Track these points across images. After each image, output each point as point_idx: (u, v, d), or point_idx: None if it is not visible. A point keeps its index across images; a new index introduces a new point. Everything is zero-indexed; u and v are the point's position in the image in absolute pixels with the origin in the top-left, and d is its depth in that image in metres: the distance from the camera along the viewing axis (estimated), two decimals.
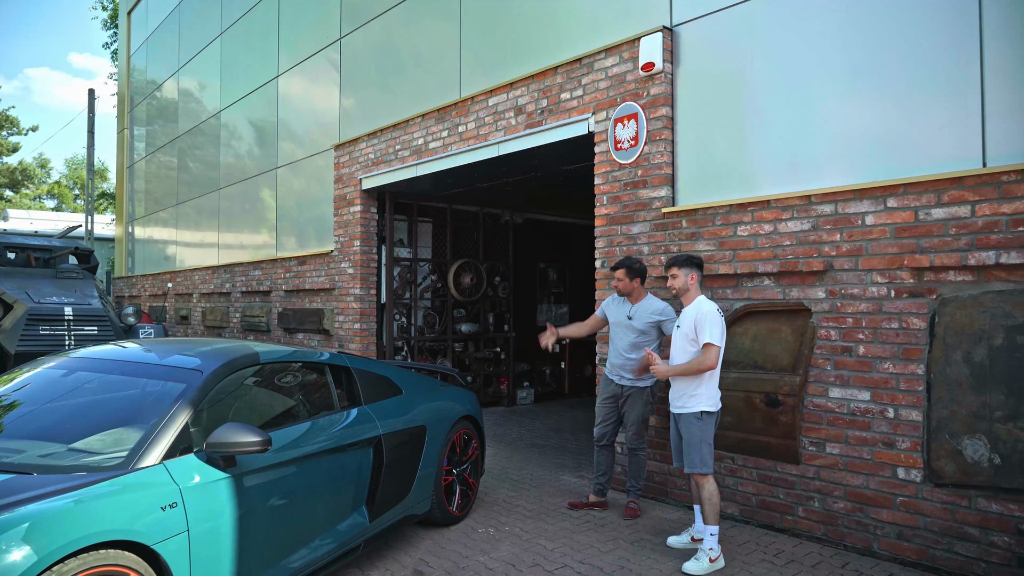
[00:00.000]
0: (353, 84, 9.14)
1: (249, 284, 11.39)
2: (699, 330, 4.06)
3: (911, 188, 4.03)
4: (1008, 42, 3.76)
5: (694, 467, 4.11)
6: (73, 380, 3.41)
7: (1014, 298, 3.65)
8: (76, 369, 3.47)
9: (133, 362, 3.46)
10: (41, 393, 3.37)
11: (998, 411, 3.68)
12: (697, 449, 4.11)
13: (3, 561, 2.10)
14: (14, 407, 3.26)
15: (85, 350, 3.75)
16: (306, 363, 3.92)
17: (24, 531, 2.20)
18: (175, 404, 2.99)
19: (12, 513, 2.26)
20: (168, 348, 3.67)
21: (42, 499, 2.36)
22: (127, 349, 3.73)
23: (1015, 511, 3.65)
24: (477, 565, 4.01)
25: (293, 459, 3.28)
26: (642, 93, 5.48)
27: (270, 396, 3.64)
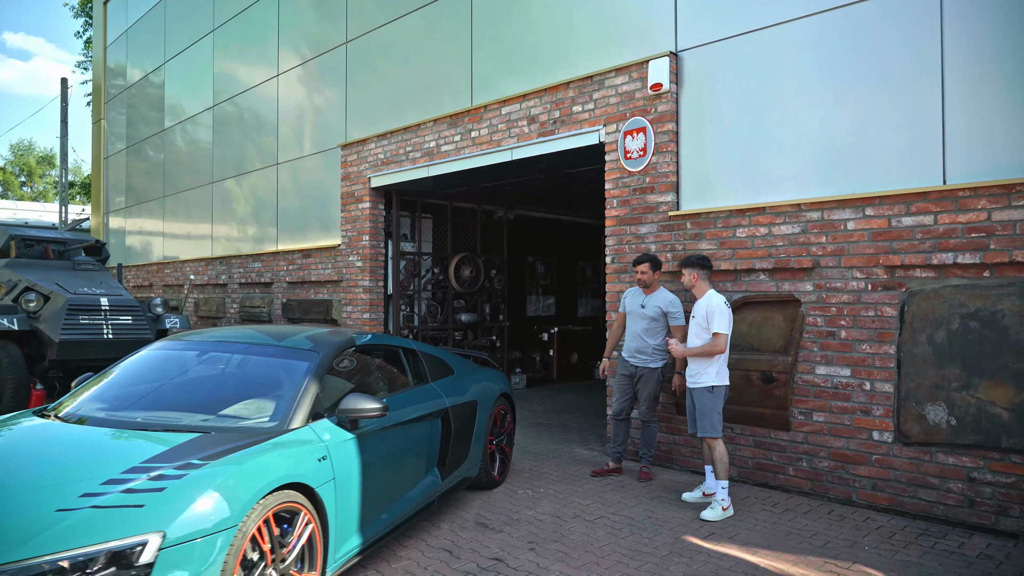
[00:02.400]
0: (359, 88, 9.65)
1: (248, 276, 11.80)
2: (710, 320, 4.83)
3: (885, 200, 4.88)
4: (965, 83, 4.61)
5: (706, 432, 4.89)
6: (194, 359, 3.98)
7: (967, 291, 4.52)
8: (195, 350, 4.03)
9: (251, 344, 4.03)
10: (168, 371, 3.93)
11: (954, 382, 4.55)
12: (708, 417, 4.89)
13: (234, 494, 2.71)
14: (151, 383, 3.82)
15: (195, 333, 4.31)
16: (385, 345, 4.56)
17: (242, 472, 2.81)
18: (306, 378, 3.61)
19: (229, 462, 2.86)
20: (272, 333, 4.25)
21: (238, 451, 2.97)
22: (238, 332, 4.30)
23: (967, 463, 4.53)
24: (527, 517, 4.72)
25: (393, 425, 3.93)
26: (650, 109, 6.22)
27: (362, 373, 4.26)
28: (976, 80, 4.57)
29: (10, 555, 2.32)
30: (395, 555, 4.00)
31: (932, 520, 4.63)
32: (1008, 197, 4.37)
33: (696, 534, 4.43)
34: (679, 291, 5.84)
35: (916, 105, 4.80)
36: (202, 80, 13.55)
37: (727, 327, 4.81)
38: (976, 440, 4.48)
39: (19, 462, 3.00)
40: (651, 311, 5.66)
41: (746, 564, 3.94)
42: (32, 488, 2.69)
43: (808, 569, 3.86)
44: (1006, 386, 4.35)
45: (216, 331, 4.36)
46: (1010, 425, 4.34)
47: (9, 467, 2.93)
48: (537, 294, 12.10)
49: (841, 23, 5.16)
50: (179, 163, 14.46)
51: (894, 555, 4.08)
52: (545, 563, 3.93)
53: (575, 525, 4.57)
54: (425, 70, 8.64)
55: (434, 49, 8.53)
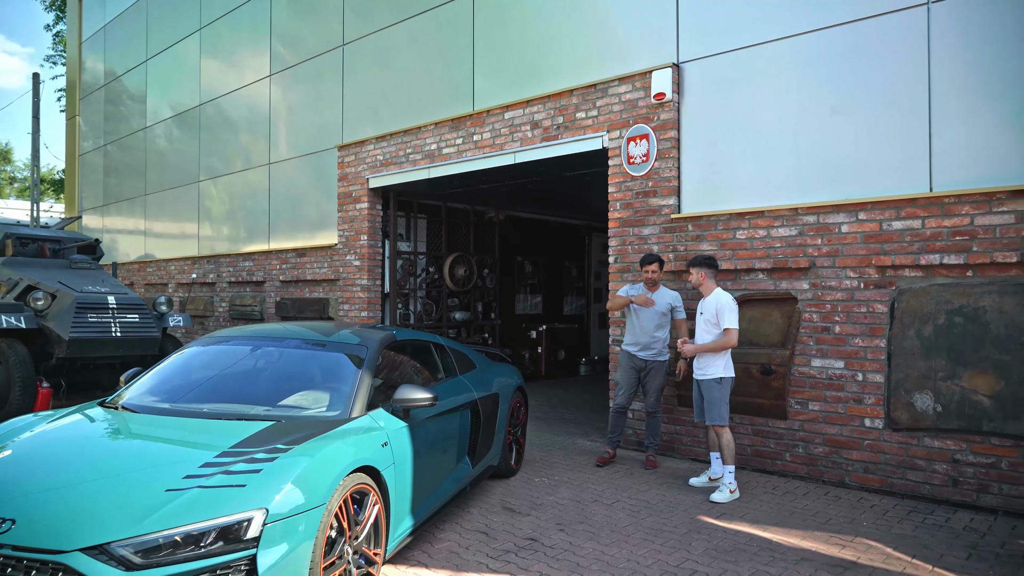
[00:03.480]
0: (357, 90, 9.82)
1: (238, 275, 11.86)
2: (720, 317, 5.18)
3: (877, 205, 5.29)
4: (950, 100, 5.04)
5: (714, 420, 5.25)
6: (246, 354, 4.18)
7: (952, 289, 4.96)
8: (246, 345, 4.23)
9: (299, 339, 4.25)
10: (220, 366, 4.12)
11: (940, 373, 4.98)
12: (716, 407, 5.24)
13: (321, 476, 2.94)
14: (206, 377, 4.01)
15: (238, 330, 4.51)
16: (418, 340, 4.81)
17: (326, 456, 3.05)
18: (360, 370, 3.85)
19: (312, 447, 3.09)
20: (315, 328, 4.47)
21: (315, 437, 3.20)
22: (280, 328, 4.51)
23: (951, 445, 4.96)
24: (550, 502, 5.01)
25: (436, 415, 4.18)
26: (653, 117, 6.56)
27: (402, 366, 4.50)
28: (960, 97, 5.00)
29: (133, 530, 2.53)
30: (435, 538, 4.26)
31: (920, 499, 5.06)
32: (989, 203, 4.81)
33: (709, 514, 4.78)
34: (681, 288, 6.20)
35: (905, 119, 5.22)
36: (188, 79, 13.52)
37: (736, 322, 5.16)
38: (960, 425, 4.91)
39: (112, 448, 3.20)
40: (662, 307, 5.99)
41: (760, 539, 4.29)
42: (135, 471, 2.89)
43: (816, 542, 4.23)
44: (987, 375, 4.80)
45: (256, 328, 4.56)
46: (991, 411, 4.78)
47: (105, 452, 3.12)
48: (525, 293, 12.41)
49: (836, 41, 5.56)
50: (162, 161, 14.39)
51: (890, 529, 4.48)
52: (576, 542, 4.23)
53: (596, 509, 4.88)
54: (425, 75, 8.86)
55: (434, 55, 8.76)
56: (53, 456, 3.12)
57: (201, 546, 2.57)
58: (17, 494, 2.72)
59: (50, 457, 3.11)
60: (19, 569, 2.45)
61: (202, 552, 2.56)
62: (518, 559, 3.96)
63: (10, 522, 2.55)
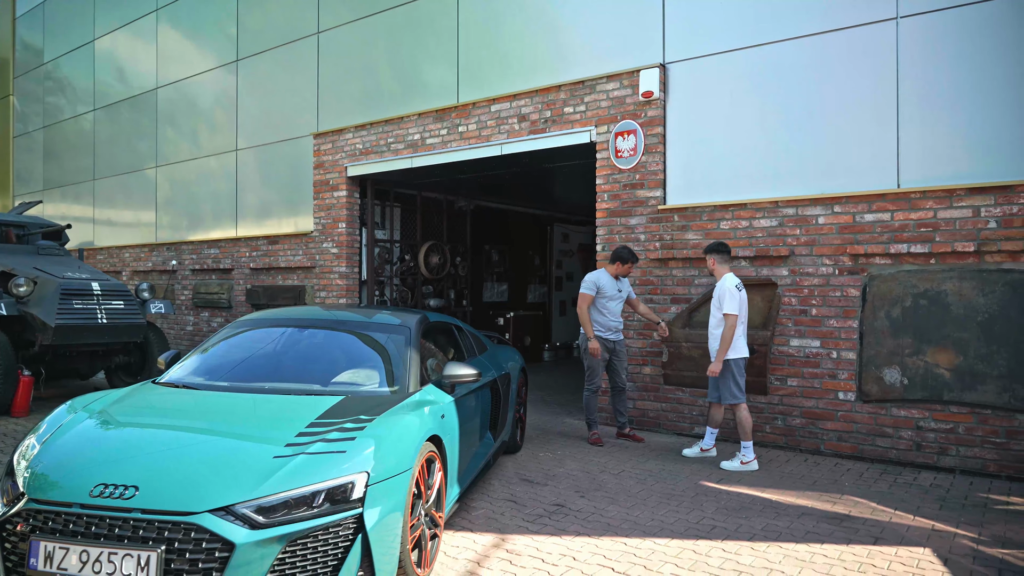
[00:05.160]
0: (333, 79, 9.86)
1: (203, 262, 11.71)
2: (721, 301, 5.59)
3: (850, 199, 5.85)
4: (914, 105, 5.62)
5: (726, 400, 5.65)
6: (290, 336, 4.35)
7: (918, 275, 5.56)
8: (292, 327, 4.40)
9: (341, 321, 4.44)
10: (266, 347, 4.28)
11: (907, 350, 5.59)
12: (727, 386, 5.64)
13: (406, 443, 3.20)
14: (256, 357, 4.17)
15: (277, 312, 4.66)
16: (443, 322, 5.06)
17: (406, 426, 3.30)
18: (407, 348, 4.10)
19: (391, 417, 3.33)
20: (352, 310, 4.66)
21: (389, 409, 3.44)
22: (316, 312, 4.68)
23: (915, 414, 5.58)
24: (561, 473, 5.37)
25: (471, 391, 4.47)
26: (640, 114, 6.97)
27: (433, 346, 4.75)
28: (924, 104, 5.59)
29: (254, 493, 2.73)
30: (469, 507, 4.54)
31: (887, 463, 5.67)
32: (950, 199, 5.43)
33: (709, 479, 5.24)
34: (668, 275, 6.65)
35: (876, 121, 5.79)
36: (143, 60, 13.14)
37: (736, 307, 5.53)
38: (923, 396, 5.53)
39: (204, 421, 3.35)
40: (626, 292, 6.46)
41: (761, 499, 4.77)
42: (236, 441, 3.08)
43: (810, 500, 4.74)
44: (948, 351, 5.42)
45: (294, 310, 4.72)
46: (951, 382, 5.41)
47: (198, 424, 3.28)
48: (492, 281, 12.71)
49: (815, 49, 6.08)
50: (115, 145, 13.94)
51: (869, 488, 5.04)
52: (600, 506, 4.60)
53: (606, 478, 5.27)
54: (407, 66, 9.01)
55: (417, 46, 8.92)
56: (148, 428, 3.26)
57: (313, 506, 2.79)
58: (132, 463, 2.87)
59: (146, 429, 3.25)
60: (151, 530, 2.61)
61: (314, 512, 2.78)
62: (552, 522, 4.30)
63: (133, 488, 2.71)
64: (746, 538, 4.05)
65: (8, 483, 3.00)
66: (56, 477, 2.84)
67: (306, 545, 2.74)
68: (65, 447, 3.06)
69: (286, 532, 2.70)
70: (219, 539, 2.60)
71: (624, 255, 6.39)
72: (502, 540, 3.98)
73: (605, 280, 6.41)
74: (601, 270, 6.51)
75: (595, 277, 6.41)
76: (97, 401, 3.59)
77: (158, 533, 2.61)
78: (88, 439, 3.13)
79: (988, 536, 4.09)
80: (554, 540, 3.99)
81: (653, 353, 6.94)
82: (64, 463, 2.93)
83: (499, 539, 4.00)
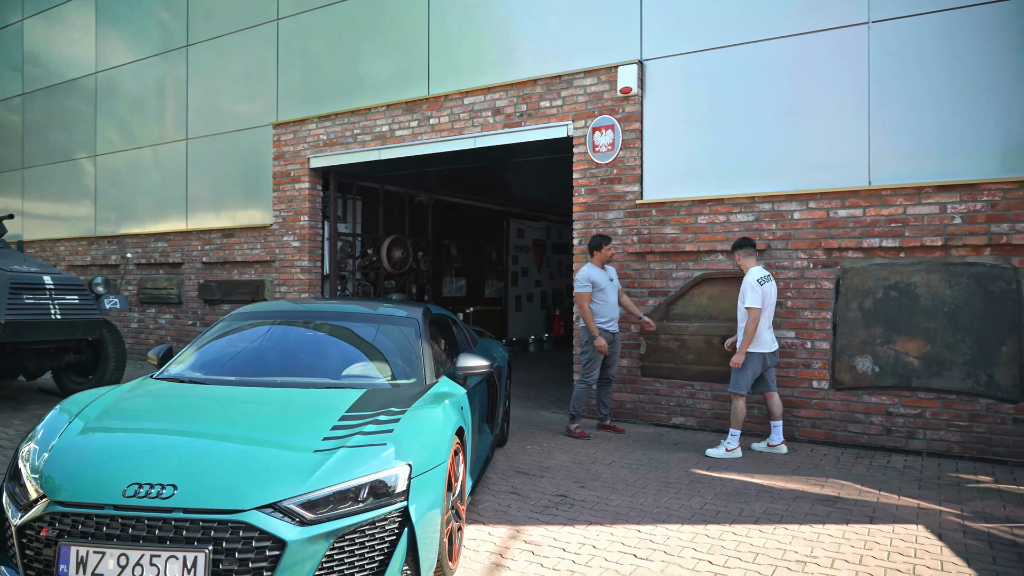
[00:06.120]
0: (295, 68, 9.58)
1: (150, 256, 11.19)
2: (743, 295, 5.66)
3: (824, 195, 6.09)
4: (884, 106, 5.90)
5: (730, 388, 5.73)
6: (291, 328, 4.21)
7: (889, 268, 5.84)
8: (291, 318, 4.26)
9: (347, 313, 4.33)
10: (270, 339, 4.14)
11: (878, 339, 5.87)
12: (734, 376, 5.71)
13: (441, 435, 3.15)
14: (261, 350, 4.02)
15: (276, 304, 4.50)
16: (442, 315, 5.00)
17: (438, 418, 3.25)
18: (419, 341, 4.04)
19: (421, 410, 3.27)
20: (356, 303, 4.55)
21: (417, 401, 3.38)
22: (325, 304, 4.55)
23: (885, 400, 5.87)
24: (555, 466, 5.40)
25: (477, 384, 4.43)
26: (618, 109, 7.06)
27: (437, 338, 4.68)
28: (894, 105, 5.87)
29: (301, 488, 2.63)
30: (475, 500, 4.51)
31: (859, 447, 5.94)
32: (919, 196, 5.72)
33: (699, 467, 5.37)
34: (646, 268, 6.77)
35: (848, 121, 6.05)
36: (80, 42, 12.43)
37: (758, 301, 5.55)
38: (893, 383, 5.82)
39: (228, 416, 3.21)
40: (615, 279, 6.55)
41: (753, 484, 4.92)
42: (271, 435, 2.96)
43: (798, 484, 4.92)
44: (917, 340, 5.73)
45: (295, 304, 4.57)
46: (919, 370, 5.72)
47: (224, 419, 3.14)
48: (451, 276, 12.63)
49: (789, 50, 6.30)
50: (47, 132, 13.13)
51: (850, 471, 5.27)
52: (602, 495, 4.65)
53: (600, 469, 5.33)
54: (374, 56, 8.85)
55: (385, 36, 8.76)
56: (171, 425, 3.10)
57: (359, 500, 2.72)
58: (165, 461, 2.72)
59: (169, 426, 3.09)
60: (195, 530, 2.49)
61: (360, 507, 2.71)
62: (560, 511, 4.32)
63: (171, 487, 2.57)
64: (751, 521, 4.17)
65: (15, 487, 2.80)
66: (82, 478, 2.66)
67: (353, 541, 2.67)
68: (85, 448, 2.87)
69: (334, 528, 2.62)
70: (269, 537, 2.51)
71: (599, 242, 6.46)
72: (517, 532, 3.98)
73: (596, 274, 6.45)
74: (587, 264, 6.55)
75: (587, 274, 6.42)
76: (98, 400, 3.38)
77: (203, 533, 2.49)
78: (109, 438, 2.95)
79: (970, 512, 4.34)
80: (569, 530, 4.01)
81: (631, 345, 7.04)
82: (89, 464, 2.75)
83: (514, 531, 3.99)
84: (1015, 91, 5.45)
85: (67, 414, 3.24)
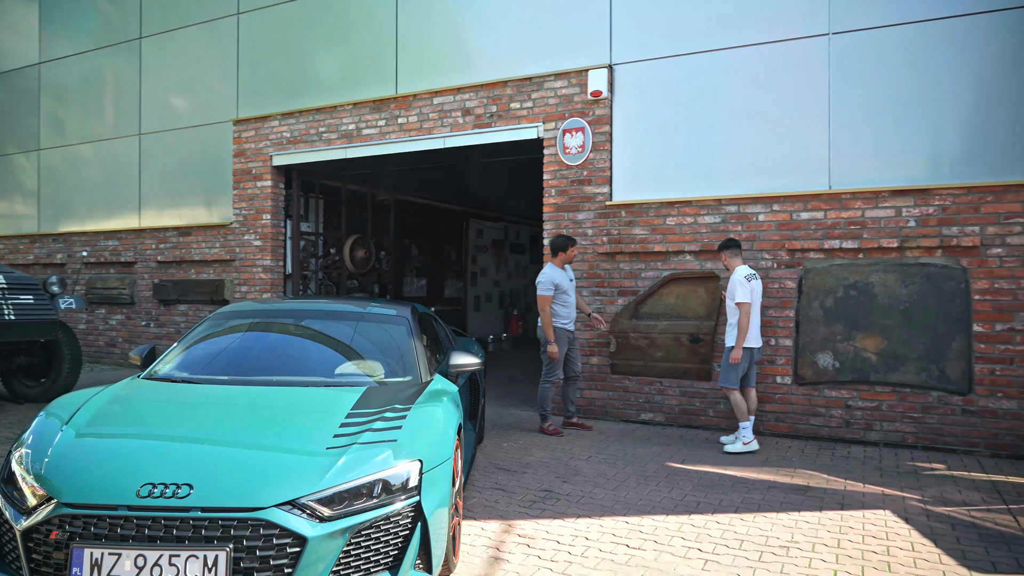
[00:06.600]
0: (256, 62, 9.41)
1: (99, 254, 10.81)
2: (732, 293, 5.81)
3: (788, 199, 6.36)
4: (844, 114, 6.20)
5: (721, 383, 5.89)
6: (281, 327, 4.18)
7: (848, 268, 6.14)
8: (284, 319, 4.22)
9: (336, 311, 4.31)
10: (259, 338, 4.09)
11: (838, 336, 6.16)
12: (725, 371, 5.87)
13: (445, 431, 3.19)
14: (251, 350, 3.98)
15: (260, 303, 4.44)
16: (426, 313, 5.02)
17: (442, 414, 3.28)
18: (411, 338, 4.06)
19: (425, 407, 3.30)
20: (342, 302, 4.53)
21: (419, 398, 3.41)
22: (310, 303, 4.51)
23: (845, 395, 6.17)
24: (533, 462, 5.49)
25: (465, 381, 4.48)
26: (588, 112, 7.20)
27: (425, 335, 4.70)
28: (853, 113, 6.18)
29: (318, 485, 2.64)
30: (463, 496, 4.55)
31: (821, 439, 6.22)
32: (876, 200, 6.04)
33: (673, 460, 5.54)
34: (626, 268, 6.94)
35: (810, 127, 6.32)
36: (22, 31, 11.89)
37: (747, 296, 5.72)
38: (852, 377, 6.12)
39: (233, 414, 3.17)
40: (575, 281, 6.69)
41: (727, 476, 5.12)
42: (280, 433, 2.95)
43: (770, 475, 5.14)
44: (874, 337, 6.04)
45: (280, 302, 4.53)
46: (876, 365, 6.03)
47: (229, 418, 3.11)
48: (412, 276, 12.59)
49: (754, 58, 6.54)
50: None
51: (815, 462, 5.52)
52: (585, 489, 4.77)
53: (579, 464, 5.44)
54: (341, 53, 8.77)
55: (352, 33, 8.70)
56: (175, 424, 3.05)
57: (373, 496, 2.74)
58: (176, 461, 2.68)
59: (174, 425, 3.04)
60: (214, 528, 2.47)
61: (375, 502, 2.73)
62: (548, 505, 4.41)
63: (187, 487, 2.55)
64: (732, 511, 4.34)
65: (12, 492, 2.72)
66: (92, 480, 2.61)
67: (369, 536, 2.70)
68: (91, 450, 2.81)
69: (351, 523, 2.64)
70: (290, 534, 2.51)
71: (563, 243, 6.55)
72: (509, 526, 4.05)
73: (559, 276, 6.53)
74: (550, 266, 6.59)
75: (550, 276, 6.45)
76: (91, 402, 3.28)
77: (222, 532, 2.48)
78: (116, 439, 2.90)
79: (930, 497, 4.62)
80: (559, 523, 4.10)
81: (600, 344, 7.19)
82: (98, 465, 2.69)
83: (506, 525, 4.06)
84: (966, 102, 5.81)
85: (57, 419, 3.14)
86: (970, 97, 5.80)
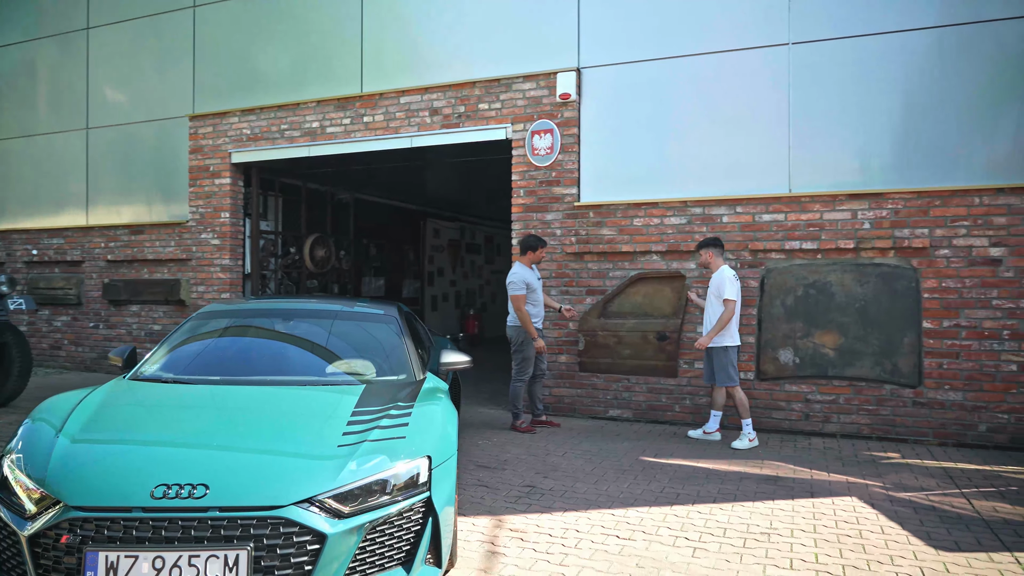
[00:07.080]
0: (215, 57, 9.19)
1: (44, 253, 10.36)
2: (720, 290, 5.95)
3: (750, 201, 6.62)
4: (802, 121, 6.48)
5: (724, 382, 6.04)
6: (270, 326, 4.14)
7: (808, 268, 6.43)
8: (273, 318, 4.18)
9: (322, 310, 4.29)
10: (249, 338, 4.04)
11: (799, 333, 6.45)
12: (725, 370, 6.04)
13: (450, 428, 3.24)
14: (240, 350, 3.93)
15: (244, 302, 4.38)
16: (410, 314, 5.04)
17: (443, 411, 3.33)
18: (401, 337, 4.09)
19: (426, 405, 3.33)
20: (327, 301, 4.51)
21: (419, 395, 3.44)
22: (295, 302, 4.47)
23: (804, 389, 6.45)
24: (512, 457, 5.56)
25: (452, 378, 4.53)
26: (557, 114, 7.32)
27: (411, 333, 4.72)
28: (811, 120, 6.47)
29: (334, 483, 2.65)
30: None
31: (782, 432, 6.49)
32: (833, 203, 6.34)
33: (646, 455, 5.70)
34: (612, 265, 7.07)
35: (771, 133, 6.59)
36: None
37: (735, 293, 5.89)
38: (812, 372, 6.41)
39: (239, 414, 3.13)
40: (540, 280, 6.78)
41: (700, 468, 5.30)
42: (290, 431, 2.95)
43: (740, 467, 5.35)
44: (832, 333, 6.34)
45: (267, 301, 4.47)
46: (834, 360, 6.33)
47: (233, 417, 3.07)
48: (371, 275, 12.49)
49: (717, 65, 6.77)
50: None
51: (779, 453, 5.77)
52: (567, 484, 4.87)
53: (556, 460, 5.54)
54: (303, 49, 8.65)
55: (314, 29, 8.59)
56: (181, 425, 2.99)
57: (387, 492, 2.77)
58: (189, 461, 2.65)
59: (180, 425, 2.98)
60: (233, 528, 2.46)
61: (388, 498, 2.76)
62: (533, 500, 4.49)
63: (203, 487, 2.52)
64: (711, 501, 4.52)
65: (9, 498, 2.64)
66: (103, 482, 2.55)
67: (383, 532, 2.73)
68: (96, 452, 2.75)
69: (367, 520, 2.66)
70: (310, 531, 2.52)
71: (535, 243, 6.64)
72: (500, 521, 4.11)
73: (529, 275, 6.60)
74: (519, 266, 6.65)
75: (521, 276, 6.50)
76: (83, 403, 3.19)
77: (242, 531, 2.47)
78: (120, 441, 2.83)
79: (891, 484, 4.90)
80: (548, 517, 4.19)
81: (569, 342, 7.32)
82: (108, 467, 2.64)
83: (496, 520, 4.12)
84: (916, 111, 6.16)
85: (47, 423, 3.04)
86: (920, 106, 6.15)
